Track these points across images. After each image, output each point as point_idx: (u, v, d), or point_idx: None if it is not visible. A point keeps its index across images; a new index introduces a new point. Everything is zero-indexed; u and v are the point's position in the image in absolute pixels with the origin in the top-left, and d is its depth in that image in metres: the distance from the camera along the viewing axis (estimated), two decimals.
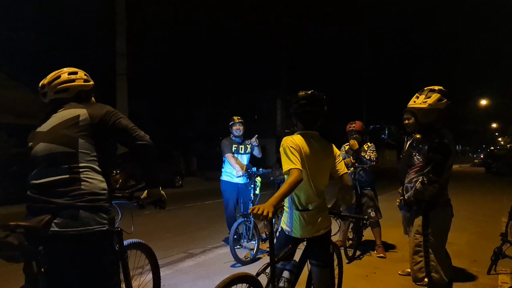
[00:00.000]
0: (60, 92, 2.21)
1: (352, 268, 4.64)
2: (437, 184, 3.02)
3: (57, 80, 2.22)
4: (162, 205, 2.43)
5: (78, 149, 2.02)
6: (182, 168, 17.86)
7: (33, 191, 2.00)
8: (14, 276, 2.50)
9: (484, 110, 42.78)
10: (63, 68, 2.29)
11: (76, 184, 1.97)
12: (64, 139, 2.03)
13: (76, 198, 1.93)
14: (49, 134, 2.07)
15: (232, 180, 5.69)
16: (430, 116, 3.13)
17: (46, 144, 2.04)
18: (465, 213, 7.93)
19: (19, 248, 1.77)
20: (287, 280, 2.54)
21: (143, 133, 2.19)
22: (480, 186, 16.09)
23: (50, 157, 2.01)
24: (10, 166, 11.34)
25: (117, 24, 13.57)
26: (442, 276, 3.05)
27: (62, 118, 2.10)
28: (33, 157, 2.08)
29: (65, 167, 1.98)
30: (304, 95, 2.60)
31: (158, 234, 6.71)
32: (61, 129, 2.06)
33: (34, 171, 2.04)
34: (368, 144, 5.28)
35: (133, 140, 2.14)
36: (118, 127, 2.14)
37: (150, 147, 2.18)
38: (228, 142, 5.74)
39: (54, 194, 1.94)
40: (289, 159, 2.39)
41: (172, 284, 4.05)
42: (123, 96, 13.55)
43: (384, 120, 35.62)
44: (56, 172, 1.98)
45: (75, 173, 1.98)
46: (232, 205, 5.70)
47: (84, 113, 2.10)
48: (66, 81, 2.23)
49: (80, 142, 2.04)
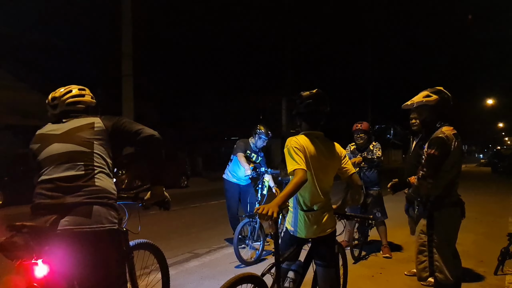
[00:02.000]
0: (72, 105, 2.33)
1: (357, 268, 4.63)
2: (431, 180, 3.01)
3: (69, 94, 2.34)
4: (166, 206, 2.45)
5: (93, 150, 2.12)
6: (187, 169, 17.90)
7: (44, 186, 2.03)
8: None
9: (490, 109, 42.50)
10: (71, 85, 2.42)
11: (91, 181, 2.04)
12: (80, 140, 2.13)
13: (90, 194, 1.99)
14: (65, 136, 2.16)
15: (232, 180, 5.69)
16: (424, 114, 3.21)
17: (63, 144, 2.12)
18: (472, 213, 7.82)
19: (24, 247, 1.79)
20: (292, 280, 2.54)
21: (151, 129, 2.27)
22: (487, 186, 15.97)
23: (67, 155, 2.08)
24: (16, 167, 11.44)
25: (123, 25, 13.61)
26: (447, 276, 3.03)
27: (77, 123, 2.21)
28: (44, 157, 2.12)
29: (80, 164, 2.06)
30: (309, 94, 2.59)
31: (163, 234, 6.73)
32: (77, 132, 2.16)
33: (45, 169, 2.08)
34: (374, 143, 5.27)
35: (139, 133, 2.21)
36: (126, 126, 2.24)
37: (157, 138, 2.24)
38: (243, 144, 5.63)
39: (67, 190, 1.99)
40: (293, 160, 2.38)
41: (178, 284, 4.06)
42: (129, 97, 13.58)
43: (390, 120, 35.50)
44: (71, 168, 2.05)
45: (90, 170, 2.06)
46: (234, 205, 5.71)
47: (98, 121, 2.23)
48: (78, 95, 2.36)
49: (95, 145, 2.14)
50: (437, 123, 3.15)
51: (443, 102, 3.13)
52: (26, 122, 15.78)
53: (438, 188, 3.09)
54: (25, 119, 16.12)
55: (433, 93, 3.15)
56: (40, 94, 18.55)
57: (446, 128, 3.10)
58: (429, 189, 3.07)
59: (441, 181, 3.08)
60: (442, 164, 3.04)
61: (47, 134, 2.21)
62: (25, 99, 17.38)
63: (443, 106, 3.14)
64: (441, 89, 3.19)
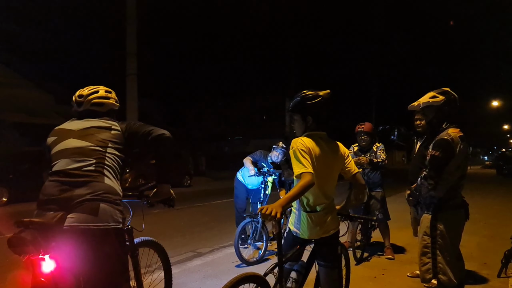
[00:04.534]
0: (96, 106, 2.38)
1: (360, 269, 4.62)
2: (432, 181, 3.01)
3: (96, 94, 2.39)
4: (171, 203, 2.49)
5: (107, 150, 2.17)
6: (191, 168, 17.95)
7: (53, 178, 2.07)
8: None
9: (495, 111, 42.25)
10: (99, 86, 2.47)
11: (100, 178, 2.07)
12: (96, 140, 2.17)
13: (98, 191, 2.02)
14: (82, 133, 2.21)
15: (242, 181, 5.76)
16: (430, 115, 3.20)
17: (78, 141, 2.17)
18: (476, 215, 7.83)
19: (32, 243, 1.81)
20: (294, 281, 2.55)
21: (161, 129, 2.32)
22: (491, 189, 15.90)
23: (81, 150, 2.13)
24: (21, 164, 11.50)
25: (127, 23, 13.65)
26: (450, 278, 3.03)
27: (96, 123, 2.27)
28: (58, 150, 2.17)
29: (92, 160, 2.10)
30: (328, 95, 2.56)
31: (166, 233, 6.76)
32: (94, 132, 2.21)
33: (57, 162, 2.12)
34: (377, 144, 5.25)
35: (151, 133, 2.26)
36: (138, 128, 2.29)
37: (167, 137, 2.29)
38: (259, 153, 5.72)
39: (76, 183, 2.02)
40: (300, 163, 2.35)
41: (180, 283, 4.08)
42: (133, 96, 13.59)
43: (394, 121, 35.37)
44: (82, 162, 2.09)
45: (100, 167, 2.10)
46: (240, 203, 5.76)
47: (116, 125, 2.29)
48: (103, 97, 2.41)
49: (110, 147, 2.19)
50: (443, 124, 3.15)
51: (449, 103, 3.12)
52: (31, 120, 15.89)
53: (441, 190, 3.09)
54: (30, 117, 16.23)
55: (439, 94, 3.14)
56: (45, 92, 18.69)
57: (452, 130, 3.09)
58: (430, 190, 3.08)
59: (445, 183, 3.08)
60: (445, 166, 3.04)
61: (65, 129, 2.27)
62: (31, 97, 17.49)
63: (449, 107, 3.13)
64: (447, 90, 3.18)
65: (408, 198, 3.62)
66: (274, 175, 5.54)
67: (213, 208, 10.59)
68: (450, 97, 3.14)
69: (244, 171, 5.77)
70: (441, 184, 3.08)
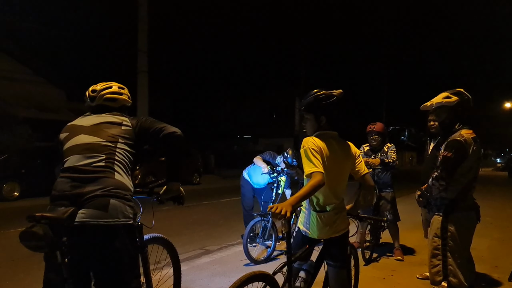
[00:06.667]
0: (109, 101, 2.40)
1: (369, 270, 4.60)
2: (443, 182, 2.98)
3: (109, 89, 2.42)
4: (180, 201, 2.49)
5: (117, 146, 2.18)
6: (200, 166, 18.01)
7: (65, 175, 2.08)
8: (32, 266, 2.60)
9: (508, 113, 41.69)
10: (112, 82, 2.50)
11: (110, 174, 2.08)
12: (106, 135, 2.19)
13: (109, 187, 2.02)
14: (93, 129, 2.22)
15: (248, 180, 5.77)
16: (442, 115, 3.17)
17: (89, 137, 2.18)
18: (487, 218, 7.75)
19: (44, 238, 1.83)
20: (303, 280, 2.53)
21: (173, 126, 2.32)
22: (503, 191, 15.70)
23: (91, 146, 2.14)
24: (34, 160, 11.65)
25: (139, 21, 13.72)
26: (461, 280, 3.00)
27: (107, 119, 2.28)
28: (69, 146, 2.19)
29: (102, 156, 2.11)
30: (341, 95, 2.54)
31: (175, 230, 6.79)
32: (104, 128, 2.23)
33: (69, 158, 2.14)
34: (388, 144, 5.22)
35: (162, 130, 2.27)
36: (150, 125, 2.29)
37: (179, 135, 2.29)
38: (269, 154, 5.74)
39: (87, 179, 2.03)
40: (311, 162, 2.33)
41: (189, 280, 4.09)
42: (144, 94, 13.68)
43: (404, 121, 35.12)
44: (93, 158, 2.10)
45: (110, 163, 2.11)
46: (247, 201, 5.78)
47: (127, 121, 2.30)
48: (116, 92, 2.44)
49: (120, 142, 2.19)
50: (456, 125, 3.11)
51: (463, 103, 3.08)
52: (42, 116, 16.07)
53: (453, 191, 3.06)
54: (41, 113, 16.42)
55: (453, 95, 3.10)
56: (56, 88, 18.89)
57: (465, 131, 3.05)
58: (441, 191, 3.05)
59: (457, 184, 3.05)
60: (456, 167, 3.00)
61: (77, 125, 2.29)
62: (42, 93, 17.69)
63: (463, 108, 3.08)
64: (461, 90, 3.14)
65: (418, 199, 3.57)
66: (289, 174, 5.52)
67: (221, 206, 10.61)
68: (463, 97, 3.09)
69: (250, 170, 5.77)
70: (453, 185, 3.05)
